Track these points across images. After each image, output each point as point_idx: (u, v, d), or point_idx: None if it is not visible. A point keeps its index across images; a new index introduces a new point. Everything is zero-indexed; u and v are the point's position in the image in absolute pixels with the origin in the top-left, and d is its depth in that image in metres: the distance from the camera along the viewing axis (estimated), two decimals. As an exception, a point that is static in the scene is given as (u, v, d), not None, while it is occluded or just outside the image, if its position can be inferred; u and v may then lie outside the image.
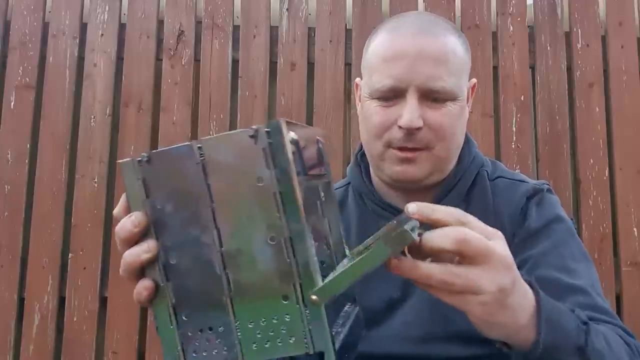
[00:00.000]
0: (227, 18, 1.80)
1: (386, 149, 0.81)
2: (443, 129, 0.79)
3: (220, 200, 0.49)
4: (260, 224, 0.48)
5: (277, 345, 0.48)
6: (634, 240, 1.70)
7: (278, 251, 0.47)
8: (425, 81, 0.78)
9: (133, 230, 0.50)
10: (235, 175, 0.48)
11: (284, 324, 0.48)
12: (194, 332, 0.51)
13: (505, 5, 1.82)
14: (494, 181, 0.87)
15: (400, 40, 0.80)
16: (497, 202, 0.84)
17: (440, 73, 0.78)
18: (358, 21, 1.81)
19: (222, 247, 0.49)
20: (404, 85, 0.78)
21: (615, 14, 1.81)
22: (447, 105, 0.80)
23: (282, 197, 0.47)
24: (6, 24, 1.78)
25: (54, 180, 1.70)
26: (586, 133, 1.75)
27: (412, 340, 0.81)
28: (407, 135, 0.78)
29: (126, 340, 1.65)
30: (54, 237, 1.68)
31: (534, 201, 0.83)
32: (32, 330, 1.65)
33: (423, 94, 0.78)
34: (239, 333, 0.49)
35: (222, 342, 0.50)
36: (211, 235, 0.49)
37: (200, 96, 1.76)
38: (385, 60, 0.80)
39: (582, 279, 0.75)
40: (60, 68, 1.76)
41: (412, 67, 0.78)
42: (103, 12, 1.79)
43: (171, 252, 0.50)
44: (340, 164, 1.73)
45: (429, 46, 0.79)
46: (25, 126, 1.73)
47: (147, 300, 0.51)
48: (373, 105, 0.82)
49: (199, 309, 0.50)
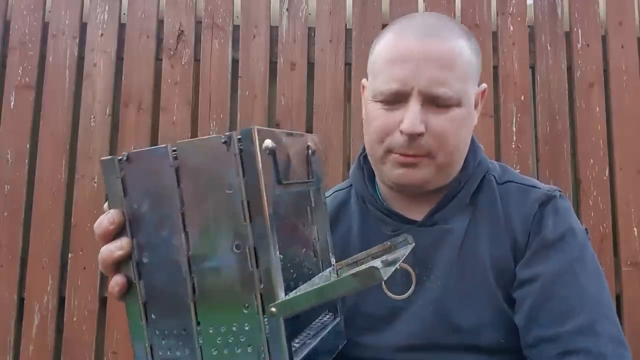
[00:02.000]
0: (227, 18, 1.80)
1: (387, 153, 0.79)
2: (446, 135, 0.77)
3: (190, 205, 0.49)
4: (226, 231, 0.48)
5: (235, 353, 0.48)
6: (634, 240, 1.70)
7: (242, 259, 0.47)
8: (429, 85, 0.75)
9: (109, 227, 0.51)
10: (206, 181, 0.48)
11: (243, 333, 0.48)
12: (161, 331, 0.51)
13: (505, 5, 1.82)
14: (503, 185, 0.85)
15: (405, 42, 0.78)
16: (508, 207, 0.82)
17: (445, 77, 0.76)
18: (358, 21, 1.80)
19: (189, 250, 0.49)
20: (407, 89, 0.76)
21: (615, 13, 1.81)
22: (452, 110, 0.77)
23: (249, 206, 0.47)
24: (6, 24, 1.78)
25: (54, 180, 1.70)
26: (586, 133, 1.75)
27: (415, 349, 0.79)
28: (409, 141, 0.76)
29: (126, 340, 1.65)
30: (53, 237, 1.68)
31: (549, 209, 0.81)
32: (32, 330, 1.65)
33: (426, 98, 0.76)
34: (200, 337, 0.50)
35: (184, 344, 0.50)
36: (180, 238, 0.49)
37: (200, 96, 1.76)
38: (389, 62, 0.78)
39: (592, 301, 0.75)
40: (60, 68, 1.76)
41: (417, 71, 0.75)
42: (103, 12, 1.79)
43: (144, 251, 0.51)
44: (340, 164, 1.73)
45: (435, 49, 0.76)
46: (25, 126, 1.73)
47: (119, 295, 0.53)
48: (376, 108, 0.80)
49: (166, 309, 0.51)
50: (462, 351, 0.78)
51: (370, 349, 0.81)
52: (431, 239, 0.82)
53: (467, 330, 0.78)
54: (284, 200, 0.49)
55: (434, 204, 0.83)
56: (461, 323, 0.78)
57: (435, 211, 0.83)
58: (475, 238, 0.81)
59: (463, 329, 0.78)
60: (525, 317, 0.76)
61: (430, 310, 0.79)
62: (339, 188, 0.97)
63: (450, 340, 0.78)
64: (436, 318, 0.79)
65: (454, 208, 0.83)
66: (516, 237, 0.80)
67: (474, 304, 0.78)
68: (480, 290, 0.79)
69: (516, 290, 0.79)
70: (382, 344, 0.80)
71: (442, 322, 0.78)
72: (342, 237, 0.87)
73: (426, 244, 0.81)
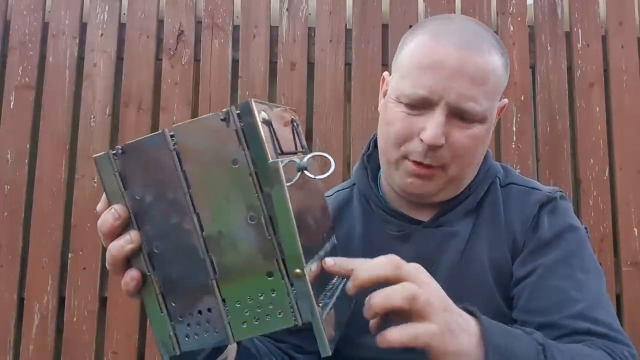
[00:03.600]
0: (227, 18, 1.80)
1: (402, 159, 0.78)
2: (463, 151, 0.76)
3: (196, 186, 0.49)
4: (238, 205, 0.48)
5: (266, 321, 0.49)
6: (634, 240, 1.70)
7: (258, 230, 0.48)
8: (458, 99, 0.73)
9: (114, 224, 0.51)
10: (210, 160, 0.49)
11: (270, 300, 0.49)
12: (184, 317, 0.51)
13: (505, 5, 1.82)
14: (505, 188, 0.85)
15: (441, 49, 0.74)
16: (509, 210, 0.82)
17: (475, 94, 0.73)
18: (358, 21, 1.80)
19: (202, 231, 0.49)
20: (435, 98, 0.73)
21: (615, 13, 1.81)
22: (475, 127, 0.76)
23: (258, 177, 0.48)
24: (6, 24, 1.78)
25: (54, 180, 1.70)
26: (586, 133, 1.75)
27: (413, 349, 0.80)
28: (427, 151, 0.75)
29: (126, 340, 1.65)
30: (53, 237, 1.68)
31: (547, 209, 0.81)
32: (32, 330, 1.65)
33: (453, 111, 0.74)
34: (228, 314, 0.50)
35: (212, 323, 0.50)
36: (191, 221, 0.49)
37: (200, 96, 1.76)
38: (421, 67, 0.75)
39: (589, 292, 0.74)
40: (60, 68, 1.76)
41: (448, 82, 0.73)
42: (103, 12, 1.79)
43: (154, 241, 0.51)
44: (340, 164, 1.73)
45: (470, 63, 0.73)
46: (25, 126, 1.73)
47: (135, 290, 0.52)
48: (398, 110, 0.77)
49: (187, 294, 0.51)
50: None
51: (371, 348, 0.81)
52: (436, 240, 0.82)
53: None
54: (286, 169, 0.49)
55: (439, 206, 0.83)
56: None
57: (442, 213, 0.83)
58: (476, 240, 0.81)
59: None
60: (522, 310, 0.76)
61: None
62: (341, 188, 0.96)
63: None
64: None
65: (460, 211, 0.83)
66: (515, 237, 0.80)
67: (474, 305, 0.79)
68: (480, 292, 0.79)
69: (513, 287, 0.79)
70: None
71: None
72: (345, 237, 0.86)
73: (431, 245, 0.82)
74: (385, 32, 1.80)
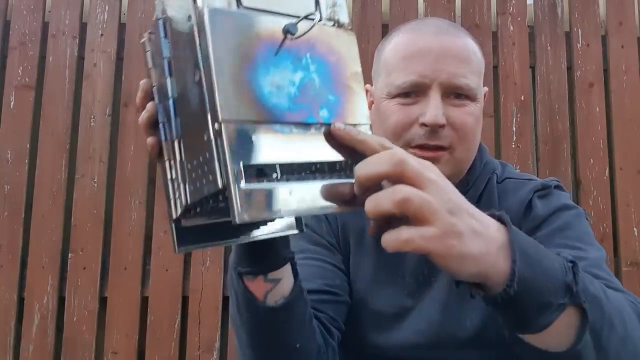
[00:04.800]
0: (227, 18, 1.79)
1: (405, 149, 0.77)
2: (466, 128, 0.77)
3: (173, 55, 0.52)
4: (191, 65, 0.48)
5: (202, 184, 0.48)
6: (634, 240, 1.70)
7: (200, 88, 0.47)
8: (450, 78, 0.76)
9: (139, 96, 0.57)
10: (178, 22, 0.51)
11: (205, 162, 0.47)
12: (182, 179, 0.52)
13: (505, 5, 1.82)
14: (502, 184, 0.85)
15: (422, 38, 0.79)
16: (504, 201, 0.82)
17: (464, 71, 0.77)
18: (358, 21, 1.80)
19: (171, 96, 0.52)
20: (427, 82, 0.76)
21: (615, 14, 1.81)
22: (469, 105, 0.78)
23: (199, 32, 0.47)
24: (6, 24, 1.78)
25: (54, 180, 1.70)
26: (586, 133, 1.75)
27: (423, 347, 0.80)
28: (430, 132, 0.76)
29: (126, 340, 1.65)
30: (53, 237, 1.68)
31: (540, 194, 0.81)
32: (32, 330, 1.65)
33: (446, 91, 0.77)
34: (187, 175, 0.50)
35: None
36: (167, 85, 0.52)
37: (200, 96, 1.76)
38: (407, 57, 0.78)
39: (588, 258, 0.72)
40: (60, 68, 1.76)
41: (436, 64, 0.76)
42: (103, 12, 1.79)
43: (160, 108, 0.54)
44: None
45: (453, 44, 0.78)
46: (25, 126, 1.73)
47: (153, 155, 0.56)
48: (392, 104, 0.79)
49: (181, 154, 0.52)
50: (468, 348, 0.79)
51: (377, 347, 0.81)
52: None
53: (471, 327, 0.79)
54: (242, 26, 0.48)
55: None
56: (465, 320, 0.79)
57: None
58: None
59: (466, 327, 0.78)
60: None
61: (437, 309, 0.79)
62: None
63: (456, 338, 0.78)
64: (443, 317, 0.79)
65: None
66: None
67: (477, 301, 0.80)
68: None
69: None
70: (390, 342, 0.80)
71: (447, 320, 0.79)
72: (357, 234, 0.87)
73: None
74: (385, 32, 1.79)
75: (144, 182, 1.71)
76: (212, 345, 1.65)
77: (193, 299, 1.66)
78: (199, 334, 1.65)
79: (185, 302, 1.67)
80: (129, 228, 1.68)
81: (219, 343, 1.66)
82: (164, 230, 1.66)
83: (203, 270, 1.67)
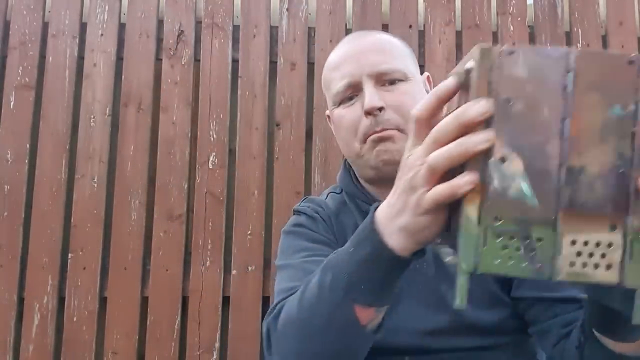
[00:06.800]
0: (227, 18, 1.80)
1: (362, 144, 0.86)
2: (404, 107, 0.84)
3: (577, 114, 0.47)
4: (610, 149, 0.47)
5: (594, 271, 0.48)
6: None
7: (621, 180, 0.47)
8: (373, 67, 0.85)
9: (477, 118, 0.48)
10: (600, 95, 0.47)
11: (603, 252, 0.47)
12: (504, 236, 0.49)
13: (505, 5, 1.82)
14: None
15: (341, 49, 0.91)
16: None
17: (383, 58, 0.86)
18: (358, 21, 1.80)
19: (565, 160, 0.48)
20: (357, 78, 0.86)
21: (615, 13, 1.81)
22: (401, 84, 0.86)
23: (634, 135, 0.47)
24: (6, 24, 1.78)
25: (54, 180, 1.70)
26: (586, 133, 1.75)
27: (418, 333, 0.81)
28: (374, 118, 0.83)
29: (126, 340, 1.65)
30: (53, 237, 1.68)
31: None
32: (32, 330, 1.65)
33: (376, 79, 0.85)
34: (558, 251, 0.48)
35: (536, 253, 0.48)
36: (557, 146, 0.47)
37: (200, 96, 1.76)
38: (335, 67, 0.89)
39: None
40: (60, 68, 1.76)
41: (359, 61, 0.86)
42: (103, 12, 1.79)
43: (505, 149, 0.48)
44: (340, 164, 1.73)
45: (367, 42, 0.89)
46: (25, 126, 1.73)
47: (459, 195, 0.49)
48: (339, 111, 0.89)
49: (517, 214, 0.48)
50: (463, 334, 0.81)
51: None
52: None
53: (468, 313, 0.81)
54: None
55: None
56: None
57: None
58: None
59: (464, 313, 0.81)
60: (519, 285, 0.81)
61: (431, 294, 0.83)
62: (332, 190, 1.02)
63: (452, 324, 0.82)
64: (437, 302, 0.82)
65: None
66: None
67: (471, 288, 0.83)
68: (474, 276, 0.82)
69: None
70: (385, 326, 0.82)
71: (443, 306, 0.82)
72: (352, 230, 0.89)
73: None
74: (385, 32, 1.79)
75: (144, 182, 1.71)
76: (212, 345, 1.65)
77: (193, 299, 1.66)
78: (199, 334, 1.66)
79: (185, 302, 1.68)
80: (129, 228, 1.68)
81: (219, 343, 1.66)
82: (164, 230, 1.66)
83: (203, 270, 1.68)
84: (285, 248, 0.91)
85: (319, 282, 0.65)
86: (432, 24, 1.81)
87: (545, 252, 0.48)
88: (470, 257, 0.49)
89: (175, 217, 1.67)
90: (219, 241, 1.69)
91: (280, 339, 0.69)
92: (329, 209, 0.95)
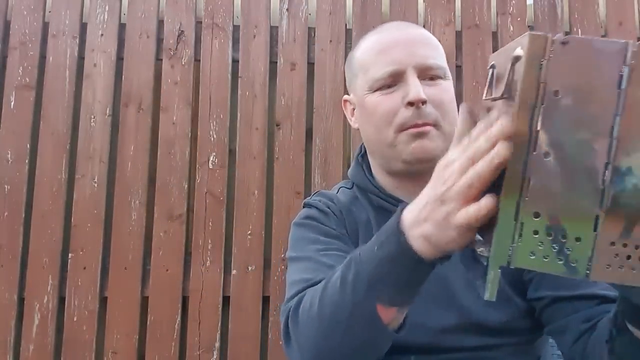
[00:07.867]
0: (227, 18, 1.80)
1: (397, 134, 0.84)
2: (444, 104, 0.84)
3: (629, 112, 0.45)
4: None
5: (631, 273, 0.47)
6: None
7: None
8: (422, 60, 0.84)
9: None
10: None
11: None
12: (540, 233, 0.48)
13: (505, 5, 1.82)
14: None
15: (389, 34, 0.88)
16: None
17: (432, 53, 0.86)
18: (358, 21, 1.81)
19: (613, 160, 0.46)
20: (402, 67, 0.84)
21: (615, 14, 1.81)
22: (442, 82, 0.86)
23: None
24: (6, 24, 1.78)
25: (54, 180, 1.70)
26: (586, 133, 1.75)
27: (427, 330, 0.81)
28: (417, 110, 0.82)
29: (126, 340, 1.65)
30: (53, 237, 1.68)
31: None
32: (32, 330, 1.65)
33: (420, 72, 0.84)
34: (595, 251, 0.47)
35: (572, 251, 0.47)
36: (605, 144, 0.45)
37: (200, 96, 1.76)
38: (380, 52, 0.86)
39: None
40: (60, 68, 1.76)
41: (408, 50, 0.84)
42: (103, 12, 1.79)
43: (550, 145, 0.47)
44: (340, 164, 1.73)
45: (417, 34, 0.88)
46: (25, 126, 1.73)
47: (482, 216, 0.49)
48: (375, 97, 0.86)
49: (556, 212, 0.47)
50: (472, 333, 0.81)
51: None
52: None
53: (477, 312, 0.81)
54: None
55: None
56: (471, 306, 0.81)
57: None
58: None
59: (472, 312, 0.81)
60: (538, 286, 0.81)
61: (441, 292, 0.83)
62: (344, 185, 1.00)
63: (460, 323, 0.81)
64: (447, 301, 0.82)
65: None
66: None
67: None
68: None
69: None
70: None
71: (452, 305, 0.82)
72: (364, 225, 0.90)
73: None
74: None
75: (144, 182, 1.71)
76: (212, 345, 1.65)
77: (193, 299, 1.66)
78: (199, 334, 1.66)
79: (185, 302, 1.68)
80: (129, 228, 1.68)
81: (219, 343, 1.66)
82: (164, 230, 1.66)
83: (203, 270, 1.68)
84: (297, 240, 0.90)
85: (341, 278, 0.65)
86: (432, 24, 1.81)
87: (583, 252, 0.47)
88: (505, 250, 0.48)
89: (175, 217, 1.67)
90: (219, 241, 1.69)
91: (300, 331, 0.70)
92: (341, 203, 0.94)
